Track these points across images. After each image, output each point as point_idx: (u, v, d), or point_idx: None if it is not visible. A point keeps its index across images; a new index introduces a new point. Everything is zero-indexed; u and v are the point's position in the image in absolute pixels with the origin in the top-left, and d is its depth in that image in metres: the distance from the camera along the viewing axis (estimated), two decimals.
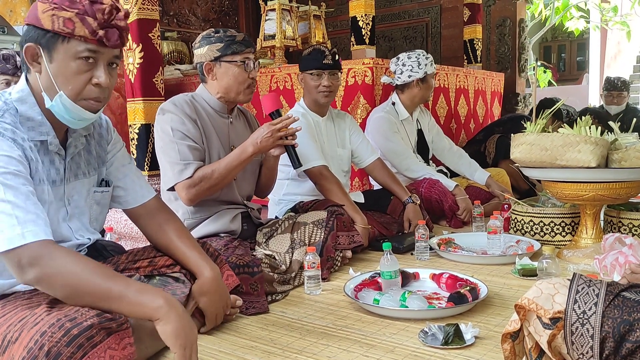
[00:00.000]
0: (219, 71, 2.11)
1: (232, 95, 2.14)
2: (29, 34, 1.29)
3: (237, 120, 2.27)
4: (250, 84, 2.13)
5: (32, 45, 1.28)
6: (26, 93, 1.32)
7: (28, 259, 1.16)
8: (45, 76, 1.30)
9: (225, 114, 2.20)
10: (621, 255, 1.97)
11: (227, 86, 2.12)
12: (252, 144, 2.04)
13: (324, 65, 2.63)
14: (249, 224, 2.28)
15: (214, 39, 2.10)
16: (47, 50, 1.28)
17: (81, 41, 1.27)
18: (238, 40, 2.10)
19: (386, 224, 2.80)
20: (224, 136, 2.18)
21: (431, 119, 3.56)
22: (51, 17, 1.25)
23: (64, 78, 1.29)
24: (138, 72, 3.50)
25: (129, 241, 3.14)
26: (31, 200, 1.21)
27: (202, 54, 2.12)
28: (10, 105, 1.30)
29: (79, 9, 1.26)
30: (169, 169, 2.04)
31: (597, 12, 8.96)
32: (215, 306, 1.63)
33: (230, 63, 2.09)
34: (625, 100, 4.83)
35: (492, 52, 5.48)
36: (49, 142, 1.34)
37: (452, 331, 1.53)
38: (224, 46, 2.08)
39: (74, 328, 1.10)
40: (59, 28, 1.25)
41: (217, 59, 2.10)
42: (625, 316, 1.08)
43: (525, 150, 2.33)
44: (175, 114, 2.04)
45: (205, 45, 2.11)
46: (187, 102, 2.10)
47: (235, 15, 6.26)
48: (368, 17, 3.62)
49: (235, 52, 2.09)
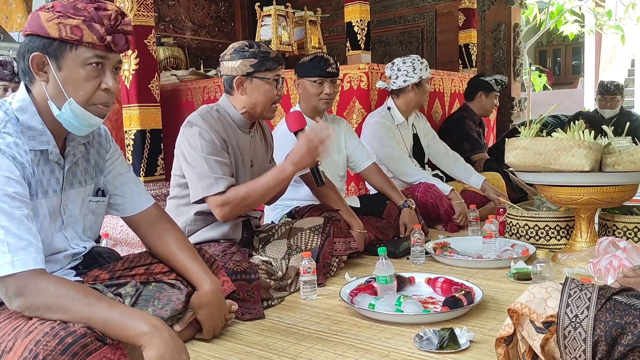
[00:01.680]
0: (249, 86, 2.09)
1: (258, 111, 2.13)
2: (32, 43, 1.28)
3: (256, 135, 2.27)
4: (276, 100, 2.13)
5: (39, 54, 1.28)
6: (27, 102, 1.32)
7: (14, 289, 1.17)
8: (53, 85, 1.30)
9: (247, 129, 2.20)
10: (615, 258, 1.99)
11: (256, 102, 2.10)
12: (292, 163, 2.01)
13: (328, 74, 2.64)
14: (248, 232, 2.28)
15: (247, 54, 2.07)
16: (54, 59, 1.28)
17: (89, 48, 1.28)
18: (272, 57, 2.08)
19: (382, 228, 2.81)
20: (245, 151, 2.18)
21: (426, 123, 3.58)
22: (57, 26, 1.26)
23: (74, 85, 1.30)
24: (134, 78, 3.50)
25: (124, 247, 3.14)
26: (24, 226, 1.21)
27: (233, 67, 2.09)
28: (11, 115, 1.30)
29: (85, 16, 1.27)
30: (197, 182, 2.00)
31: (591, 17, 9.01)
32: (214, 319, 1.63)
33: (262, 80, 2.08)
34: (619, 104, 4.85)
35: (487, 56, 5.50)
36: (49, 152, 1.35)
37: (447, 335, 1.54)
38: (258, 62, 2.06)
39: (68, 336, 1.10)
40: (67, 36, 1.26)
41: (249, 75, 2.08)
42: (617, 319, 1.09)
43: (520, 155, 2.34)
44: (203, 129, 2.02)
45: (238, 59, 2.07)
46: (215, 118, 2.08)
47: (231, 21, 6.27)
48: (363, 23, 3.64)
49: (268, 69, 2.07)
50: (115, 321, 1.19)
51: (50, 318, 1.17)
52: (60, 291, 1.19)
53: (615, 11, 9.10)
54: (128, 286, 1.48)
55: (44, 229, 1.33)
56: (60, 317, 1.17)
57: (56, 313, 1.18)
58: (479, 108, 3.98)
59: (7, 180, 1.22)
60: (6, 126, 1.28)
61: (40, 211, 1.33)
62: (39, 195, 1.32)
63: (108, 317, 1.19)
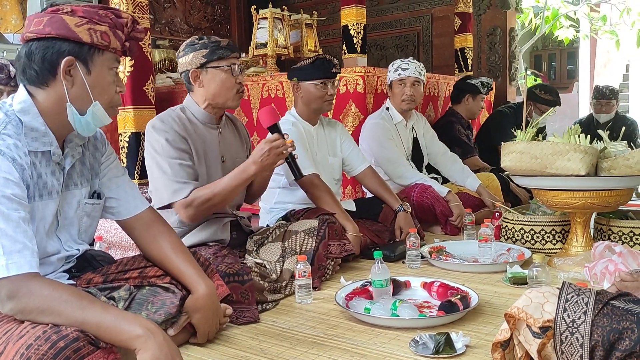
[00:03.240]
0: (205, 78, 2.09)
1: (221, 102, 2.12)
2: (61, 47, 1.29)
3: (226, 129, 2.26)
4: (238, 89, 2.11)
5: (72, 58, 1.30)
6: (29, 104, 1.32)
7: (7, 292, 1.16)
8: (79, 88, 1.33)
9: (214, 124, 2.19)
10: (611, 263, 1.98)
11: (215, 92, 2.10)
12: (254, 162, 2.01)
13: (332, 74, 2.64)
14: (239, 233, 2.27)
15: (198, 46, 2.08)
16: (83, 63, 1.32)
17: (113, 53, 1.36)
18: (223, 46, 2.08)
19: (378, 232, 2.80)
20: (214, 148, 2.17)
21: (426, 123, 3.58)
22: (88, 31, 1.30)
23: (101, 88, 1.36)
24: (128, 80, 3.48)
25: (118, 250, 3.11)
26: (21, 228, 1.20)
27: (187, 62, 2.10)
28: (12, 117, 1.30)
29: (109, 23, 1.33)
30: (163, 188, 2.00)
31: (586, 22, 9.05)
32: (209, 323, 1.62)
33: (217, 68, 2.08)
34: (613, 108, 4.87)
35: (483, 60, 5.52)
36: (52, 153, 1.35)
37: (443, 340, 1.53)
38: (209, 52, 2.06)
39: (61, 340, 1.08)
40: (98, 41, 1.31)
41: (203, 66, 2.08)
42: (615, 325, 1.08)
43: (516, 159, 2.34)
44: (165, 131, 2.02)
45: (190, 52, 2.09)
46: (175, 119, 2.08)
47: (227, 23, 6.27)
48: (359, 26, 3.64)
49: (221, 58, 2.07)
50: (109, 324, 1.18)
51: (43, 321, 1.16)
52: (54, 294, 1.18)
53: (610, 16, 9.16)
54: (122, 290, 1.46)
55: (39, 232, 1.32)
56: (53, 321, 1.16)
57: (49, 316, 1.16)
58: (466, 111, 3.99)
59: (5, 181, 1.21)
60: (6, 127, 1.27)
61: (37, 214, 1.32)
62: (36, 198, 1.32)
63: (102, 321, 1.18)
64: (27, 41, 1.32)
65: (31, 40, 1.31)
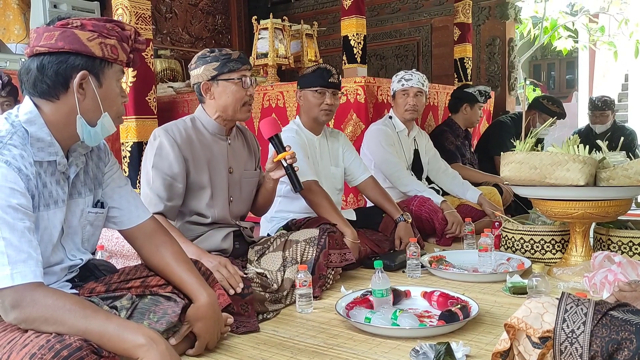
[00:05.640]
0: (216, 90, 2.11)
1: (230, 114, 2.14)
2: (75, 61, 1.31)
3: (235, 141, 2.27)
4: (247, 101, 2.13)
5: (86, 72, 1.33)
6: (34, 115, 1.33)
7: (11, 301, 1.17)
8: (91, 101, 1.35)
9: (224, 136, 2.20)
10: (610, 273, 1.99)
11: (225, 104, 2.11)
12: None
13: (330, 84, 2.66)
14: (241, 243, 2.28)
15: (209, 59, 2.10)
16: (95, 76, 1.35)
17: (120, 65, 1.39)
18: (234, 58, 2.10)
19: (378, 241, 2.81)
20: (221, 159, 2.18)
21: (429, 141, 3.61)
22: (100, 45, 1.33)
23: (110, 100, 1.39)
24: (131, 90, 3.51)
25: (120, 259, 3.12)
26: (26, 238, 1.21)
27: (198, 74, 2.12)
28: (18, 127, 1.31)
29: (116, 36, 1.36)
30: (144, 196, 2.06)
31: (585, 32, 9.10)
32: (210, 332, 1.62)
33: (228, 81, 2.09)
34: (608, 119, 4.90)
35: (482, 70, 5.55)
36: (57, 162, 1.36)
37: (443, 350, 1.53)
38: (220, 65, 2.08)
39: (64, 349, 1.09)
40: (109, 55, 1.35)
41: (214, 78, 2.10)
42: (614, 335, 1.09)
43: (515, 169, 2.36)
44: (164, 142, 2.05)
45: (202, 65, 2.11)
46: (180, 131, 2.10)
47: (228, 33, 6.31)
48: (359, 36, 3.67)
49: (232, 70, 2.09)
50: (112, 333, 1.19)
51: (46, 331, 1.17)
52: (57, 303, 1.19)
53: (608, 27, 9.20)
54: (124, 299, 1.47)
55: (43, 241, 1.33)
56: (57, 330, 1.17)
57: (52, 325, 1.17)
58: (464, 120, 4.00)
59: (12, 191, 1.22)
60: (12, 138, 1.29)
61: (42, 223, 1.33)
62: (42, 208, 1.33)
63: (105, 330, 1.19)
64: (36, 55, 1.32)
65: (41, 54, 1.31)
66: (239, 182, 2.25)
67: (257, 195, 2.36)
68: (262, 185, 2.34)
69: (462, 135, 4.02)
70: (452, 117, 4.04)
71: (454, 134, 3.92)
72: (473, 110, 3.97)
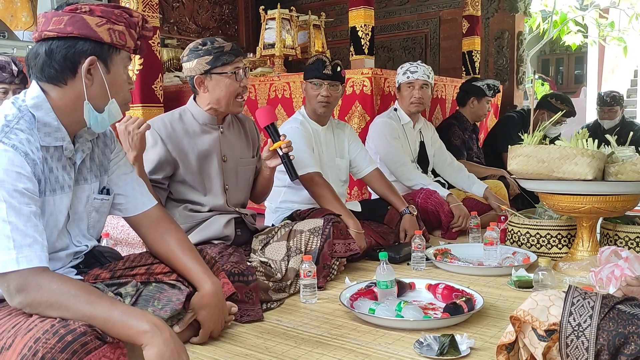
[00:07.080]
0: (210, 83, 2.10)
1: (223, 106, 2.13)
2: (83, 47, 1.31)
3: (230, 130, 2.26)
4: (240, 92, 2.12)
5: (94, 57, 1.32)
6: (41, 99, 1.33)
7: (16, 285, 1.17)
8: (98, 87, 1.35)
9: (215, 125, 2.20)
10: (617, 268, 1.98)
11: (219, 97, 2.11)
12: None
13: (324, 75, 2.64)
14: (243, 230, 2.28)
15: (202, 52, 2.07)
16: (103, 62, 1.35)
17: (127, 51, 1.39)
18: (227, 51, 2.08)
19: (383, 233, 2.80)
20: (214, 148, 2.18)
21: (434, 133, 3.58)
22: (108, 31, 1.33)
23: (118, 86, 1.39)
24: (138, 78, 3.50)
25: (125, 247, 3.12)
26: (32, 223, 1.21)
27: (191, 68, 2.10)
28: (25, 112, 1.31)
29: (124, 22, 1.35)
30: None
31: (594, 27, 9.01)
32: (214, 320, 1.63)
33: (221, 75, 2.08)
34: (617, 114, 4.86)
35: (490, 64, 5.51)
36: (64, 148, 1.36)
37: (447, 342, 1.53)
38: (213, 58, 2.06)
39: (68, 334, 1.09)
40: (117, 41, 1.34)
41: (207, 72, 2.08)
42: (620, 329, 1.08)
43: (522, 162, 2.34)
44: (150, 136, 2.06)
45: (194, 58, 2.08)
46: (165, 124, 2.11)
47: (235, 23, 6.29)
48: (367, 28, 3.64)
49: (225, 63, 2.07)
50: (117, 319, 1.19)
51: (51, 315, 1.17)
52: (62, 288, 1.19)
53: (618, 22, 9.11)
54: (128, 286, 1.47)
55: (48, 226, 1.33)
56: (62, 315, 1.17)
57: (57, 310, 1.17)
58: (471, 114, 3.97)
59: (18, 175, 1.22)
60: (19, 122, 1.28)
61: (47, 208, 1.33)
62: (47, 193, 1.32)
63: (109, 315, 1.19)
64: (44, 39, 1.31)
65: (50, 38, 1.31)
66: (235, 170, 2.24)
67: (255, 182, 2.36)
68: (260, 174, 2.34)
69: (470, 128, 4.00)
70: (460, 110, 4.01)
71: (461, 128, 3.90)
72: (480, 104, 3.95)
